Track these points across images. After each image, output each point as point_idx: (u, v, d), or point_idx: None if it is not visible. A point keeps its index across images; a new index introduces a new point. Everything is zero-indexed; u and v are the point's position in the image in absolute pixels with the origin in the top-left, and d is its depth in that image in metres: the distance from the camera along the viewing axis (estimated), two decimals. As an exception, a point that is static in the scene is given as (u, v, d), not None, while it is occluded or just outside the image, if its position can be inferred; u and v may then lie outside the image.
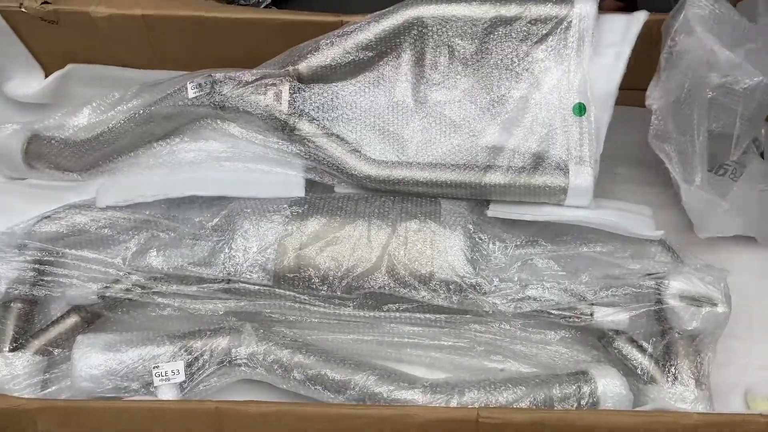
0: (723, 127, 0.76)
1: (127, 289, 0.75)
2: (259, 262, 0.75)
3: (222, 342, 0.72)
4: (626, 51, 0.77)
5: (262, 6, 1.03)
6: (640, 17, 0.77)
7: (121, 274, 0.76)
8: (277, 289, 0.75)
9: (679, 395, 0.68)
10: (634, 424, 0.54)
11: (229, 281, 0.75)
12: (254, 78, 0.81)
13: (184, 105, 0.82)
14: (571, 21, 0.77)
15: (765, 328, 0.81)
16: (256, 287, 0.75)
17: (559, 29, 0.78)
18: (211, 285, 0.75)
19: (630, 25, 0.78)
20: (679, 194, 0.79)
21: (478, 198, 0.80)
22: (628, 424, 0.54)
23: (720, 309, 0.69)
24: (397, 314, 0.76)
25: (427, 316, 0.76)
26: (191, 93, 0.81)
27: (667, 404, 0.67)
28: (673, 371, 0.70)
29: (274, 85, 0.81)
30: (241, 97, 0.80)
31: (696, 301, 0.70)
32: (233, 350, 0.72)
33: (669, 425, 0.54)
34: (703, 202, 0.78)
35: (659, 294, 0.71)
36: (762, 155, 0.84)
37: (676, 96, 0.74)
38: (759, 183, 0.78)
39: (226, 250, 0.76)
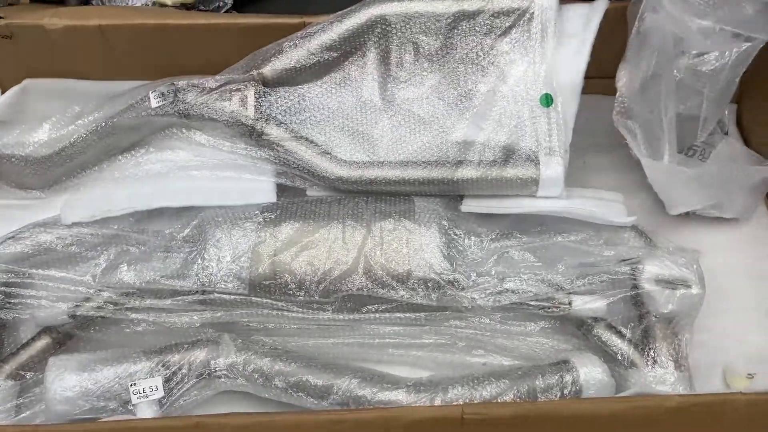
0: (690, 109, 0.77)
1: (99, 307, 0.73)
2: (234, 271, 0.73)
3: (200, 354, 0.71)
4: (589, 39, 0.77)
5: (223, 11, 1.01)
6: (601, 5, 0.78)
7: (91, 291, 0.74)
8: (253, 298, 0.74)
9: (659, 378, 0.69)
10: (617, 410, 0.54)
11: (203, 292, 0.74)
12: (218, 84, 0.80)
13: (148, 115, 0.80)
14: (533, 12, 0.77)
15: (739, 305, 0.82)
16: (232, 297, 0.74)
17: (521, 21, 0.78)
18: (185, 297, 0.74)
19: (591, 13, 0.78)
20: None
21: (451, 194, 0.80)
22: (611, 410, 0.54)
23: (694, 290, 0.70)
24: (377, 315, 0.75)
25: (407, 315, 0.76)
26: (154, 102, 0.79)
27: (648, 387, 0.68)
28: (653, 354, 0.71)
29: (239, 90, 0.79)
30: (205, 104, 0.79)
31: (670, 284, 0.71)
32: (212, 362, 0.71)
33: (651, 409, 0.54)
34: (667, 175, 0.78)
35: (635, 279, 0.72)
36: (726, 134, 0.86)
37: (643, 76, 0.74)
38: (727, 161, 0.79)
39: (199, 261, 0.74)
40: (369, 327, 0.76)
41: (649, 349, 0.71)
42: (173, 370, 0.70)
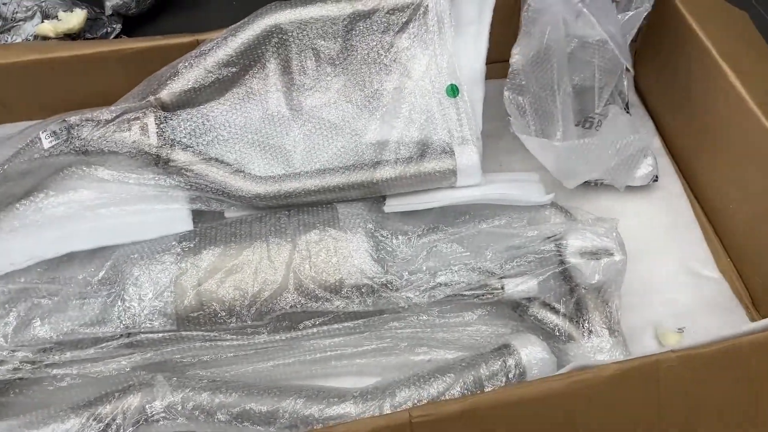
0: (584, 80, 0.79)
1: (16, 369, 0.68)
2: (158, 307, 0.70)
3: (134, 400, 0.67)
4: (485, 25, 0.78)
5: (112, 37, 0.96)
6: None
7: (4, 353, 0.69)
8: (182, 332, 0.71)
9: (596, 347, 0.71)
10: (558, 388, 0.55)
11: (129, 335, 0.70)
12: (114, 115, 0.76)
13: (42, 157, 0.75)
14: (427, 5, 0.78)
15: (661, 264, 0.85)
16: (160, 335, 0.70)
17: (417, 15, 0.78)
18: (109, 343, 0.70)
19: (484, 1, 0.79)
20: None
21: (373, 196, 0.80)
22: (552, 389, 0.55)
23: (617, 257, 0.72)
24: (315, 330, 0.74)
25: (346, 324, 0.74)
26: (47, 143, 0.74)
27: (587, 358, 0.70)
28: (587, 325, 0.72)
29: (137, 118, 0.76)
30: (103, 137, 0.75)
31: (594, 254, 0.72)
32: (148, 406, 0.67)
33: (589, 381, 0.56)
34: (549, 150, 0.79)
35: (560, 255, 0.73)
36: (627, 106, 0.89)
37: (535, 53, 0.76)
38: (618, 132, 0.81)
39: (120, 303, 0.70)
40: (308, 343, 0.74)
41: (584, 320, 0.73)
42: (107, 422, 0.66)
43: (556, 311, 0.74)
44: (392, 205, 0.79)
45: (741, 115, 0.79)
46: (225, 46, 0.77)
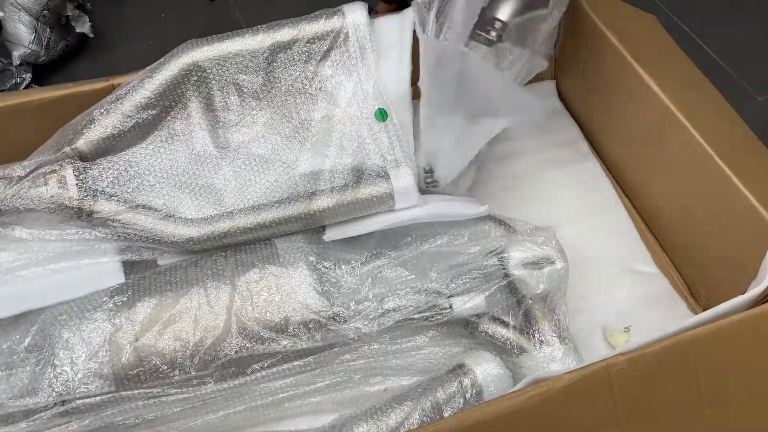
0: None
1: (-62, 455, 0.63)
2: (93, 369, 0.66)
3: (74, 473, 0.63)
4: (407, 48, 0.78)
5: (22, 87, 0.92)
6: (410, 14, 0.79)
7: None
8: (122, 393, 0.67)
9: (548, 356, 0.71)
10: (514, 405, 0.55)
11: (63, 402, 0.66)
12: (28, 170, 0.72)
13: (-50, 222, 0.70)
14: (347, 32, 0.77)
15: (602, 267, 0.87)
16: (98, 398, 0.66)
17: (338, 42, 0.77)
18: (42, 414, 0.65)
19: (404, 22, 0.79)
20: None
21: (311, 227, 0.78)
22: (511, 407, 0.55)
23: (558, 265, 0.73)
24: (264, 372, 0.71)
25: (296, 363, 0.72)
26: (-45, 207, 0.70)
27: (540, 369, 0.70)
28: (538, 336, 0.73)
29: (54, 171, 0.72)
30: (18, 195, 0.71)
31: (536, 264, 0.73)
32: (90, 477, 0.63)
33: (545, 394, 0.55)
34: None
35: (504, 268, 0.74)
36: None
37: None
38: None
39: (50, 370, 0.66)
40: (258, 387, 0.72)
41: (534, 331, 0.73)
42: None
43: (506, 325, 0.74)
44: (332, 234, 0.77)
45: (659, 115, 0.82)
46: (142, 89, 0.74)
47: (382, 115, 0.77)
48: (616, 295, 0.85)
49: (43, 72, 1.15)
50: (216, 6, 1.36)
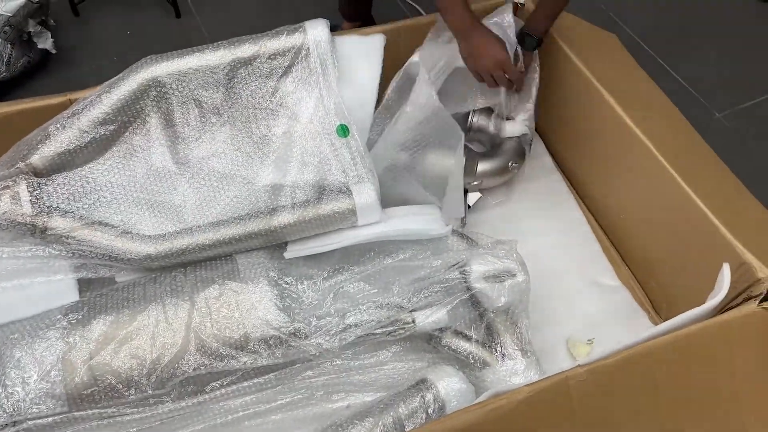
0: None
1: None
2: (45, 389, 0.64)
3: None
4: (375, 66, 0.79)
5: (-21, 103, 0.90)
6: (379, 39, 0.80)
7: None
8: (76, 413, 0.65)
9: (511, 370, 0.71)
10: (475, 418, 0.54)
11: (14, 423, 0.64)
12: (-20, 186, 0.70)
13: None
14: (308, 48, 0.78)
15: (566, 279, 0.87)
16: (50, 419, 0.64)
17: (299, 58, 0.78)
18: (-9, 437, 0.63)
19: (370, 46, 0.80)
20: None
21: (273, 243, 0.77)
22: (470, 420, 0.55)
23: (519, 278, 0.73)
24: (223, 390, 0.70)
25: (256, 380, 0.71)
26: None
27: (503, 382, 0.70)
28: (500, 349, 0.73)
29: (7, 187, 0.70)
30: (-32, 212, 0.69)
31: (498, 277, 0.73)
32: (40, 502, 0.61)
33: (505, 407, 0.55)
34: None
35: (466, 282, 0.74)
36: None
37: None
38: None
39: (1, 390, 0.64)
40: (218, 405, 0.70)
41: (496, 344, 0.73)
42: None
43: (468, 338, 0.74)
44: (294, 251, 0.77)
45: (620, 134, 0.84)
46: (100, 104, 0.73)
47: (343, 131, 0.77)
48: (580, 308, 0.85)
49: (4, 88, 1.13)
50: (182, 22, 1.36)
